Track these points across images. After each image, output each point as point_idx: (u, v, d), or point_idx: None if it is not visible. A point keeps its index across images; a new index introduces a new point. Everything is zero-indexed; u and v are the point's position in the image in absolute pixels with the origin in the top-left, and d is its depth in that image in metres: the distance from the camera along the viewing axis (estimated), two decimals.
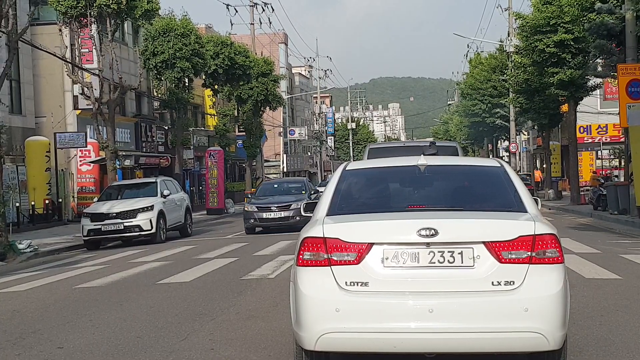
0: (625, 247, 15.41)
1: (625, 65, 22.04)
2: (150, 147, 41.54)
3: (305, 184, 25.85)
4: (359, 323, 5.08)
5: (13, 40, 20.43)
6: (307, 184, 26.18)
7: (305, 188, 25.14)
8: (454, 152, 14.19)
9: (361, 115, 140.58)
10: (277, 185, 26.76)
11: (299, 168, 79.34)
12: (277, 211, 22.92)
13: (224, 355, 6.96)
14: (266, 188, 26.41)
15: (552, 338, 5.04)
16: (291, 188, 25.54)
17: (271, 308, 9.33)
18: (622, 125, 23.21)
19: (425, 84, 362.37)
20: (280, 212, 22.88)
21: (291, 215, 22.59)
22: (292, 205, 22.69)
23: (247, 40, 52.22)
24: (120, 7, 27.30)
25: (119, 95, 30.69)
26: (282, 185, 26.64)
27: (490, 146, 69.20)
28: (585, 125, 46.19)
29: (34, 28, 29.48)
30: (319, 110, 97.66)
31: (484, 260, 5.14)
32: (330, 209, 5.75)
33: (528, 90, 37.60)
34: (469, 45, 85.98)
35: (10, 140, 27.98)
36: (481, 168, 6.39)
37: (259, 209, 23.15)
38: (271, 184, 28.06)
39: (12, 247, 18.33)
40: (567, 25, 31.54)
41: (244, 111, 47.09)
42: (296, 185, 26.03)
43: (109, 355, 7.22)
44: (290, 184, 26.62)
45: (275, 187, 26.03)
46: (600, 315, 8.19)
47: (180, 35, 34.75)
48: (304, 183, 26.18)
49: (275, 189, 25.57)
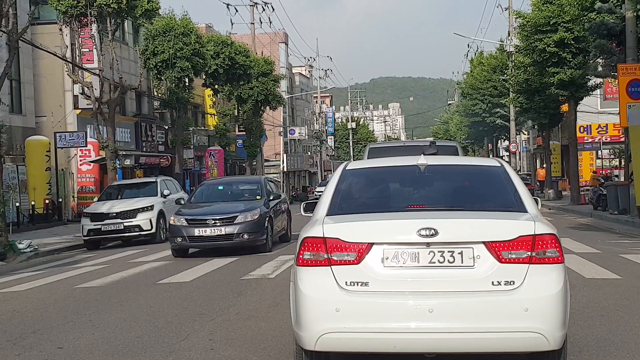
0: (625, 247, 15.41)
1: (626, 65, 22.03)
2: (150, 147, 41.54)
3: (262, 186, 18.37)
4: (359, 323, 5.08)
5: (13, 39, 20.44)
6: (265, 185, 18.60)
7: (262, 191, 17.99)
8: (454, 151, 14.19)
9: (361, 115, 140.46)
10: (223, 186, 19.17)
11: (299, 168, 79.35)
12: (215, 226, 16.16)
13: (224, 355, 6.95)
14: (207, 191, 18.87)
15: (552, 338, 5.04)
16: (242, 191, 18.69)
17: (271, 308, 9.33)
18: (622, 125, 23.20)
19: (425, 84, 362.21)
20: (221, 227, 16.10)
21: (237, 231, 16.04)
22: (238, 217, 16.21)
23: (248, 39, 52.22)
24: (120, 6, 27.31)
25: (119, 95, 30.70)
26: (230, 187, 19.25)
27: (490, 146, 69.20)
28: (586, 125, 46.19)
29: (34, 27, 29.49)
30: (319, 110, 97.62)
31: (484, 260, 5.14)
32: (330, 209, 5.75)
33: (528, 90, 37.60)
34: (469, 45, 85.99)
35: (11, 139, 27.98)
36: (481, 168, 6.38)
37: (189, 222, 16.26)
38: (214, 185, 19.95)
39: (12, 246, 18.33)
40: (568, 25, 31.53)
41: (244, 111, 47.10)
42: (249, 188, 18.80)
43: (109, 355, 7.21)
44: (241, 186, 19.37)
45: (220, 190, 18.73)
46: (600, 315, 8.19)
47: (181, 35, 34.76)
48: (261, 185, 18.56)
49: (220, 193, 18.54)
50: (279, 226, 18.17)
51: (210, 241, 16.29)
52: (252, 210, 16.51)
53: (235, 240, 16.11)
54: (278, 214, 18.01)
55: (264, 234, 16.48)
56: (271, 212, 17.16)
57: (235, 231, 16.07)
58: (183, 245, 16.39)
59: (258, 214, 16.38)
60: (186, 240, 16.21)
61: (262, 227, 16.41)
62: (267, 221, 16.66)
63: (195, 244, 16.50)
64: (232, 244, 16.24)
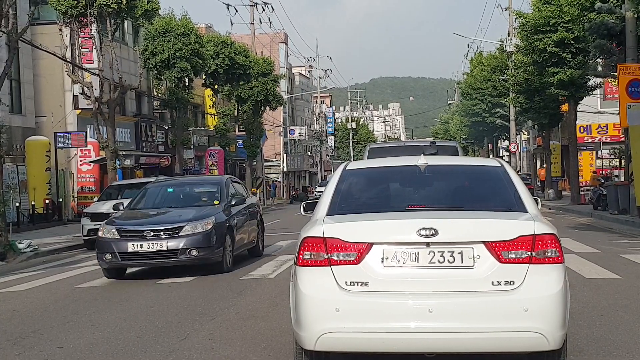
0: (625, 247, 15.41)
1: (626, 65, 22.03)
2: (150, 147, 41.54)
3: (222, 189, 14.71)
4: (359, 323, 5.08)
5: (13, 40, 20.42)
6: (227, 187, 14.89)
7: (222, 195, 14.46)
8: (454, 151, 14.20)
9: (361, 115, 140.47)
10: (174, 189, 15.49)
11: (299, 168, 79.34)
12: (155, 239, 12.59)
13: (223, 355, 6.96)
14: (153, 194, 15.08)
15: (552, 338, 5.04)
16: (198, 195, 15.15)
17: (271, 308, 9.33)
18: (622, 125, 23.20)
19: (425, 84, 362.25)
20: (162, 241, 12.57)
21: (182, 246, 12.56)
22: (185, 227, 12.72)
23: (247, 40, 52.23)
24: (120, 6, 27.29)
25: (119, 95, 30.70)
26: (183, 189, 15.56)
27: (490, 146, 69.21)
28: (585, 125, 46.18)
29: (34, 28, 29.47)
30: (319, 110, 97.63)
31: (484, 260, 5.14)
32: (330, 209, 5.75)
33: (528, 90, 37.61)
34: (469, 45, 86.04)
35: (11, 140, 27.98)
36: (481, 168, 6.39)
37: (121, 234, 12.84)
38: (163, 186, 15.70)
39: (12, 246, 18.32)
40: (568, 25, 31.53)
41: (244, 111, 47.12)
42: (207, 190, 15.16)
43: (109, 355, 7.22)
44: (196, 188, 15.59)
45: (170, 193, 15.21)
46: (600, 315, 8.19)
47: (181, 35, 34.77)
48: (221, 187, 14.82)
49: (169, 197, 15.04)
50: (245, 238, 14.75)
51: (147, 259, 12.72)
52: (203, 219, 12.94)
53: (180, 258, 12.57)
54: (243, 223, 14.61)
55: (219, 249, 12.94)
56: (232, 221, 13.80)
57: (180, 246, 12.51)
58: (113, 264, 12.75)
59: (212, 224, 12.88)
60: (116, 257, 12.61)
61: (217, 240, 12.86)
62: (224, 232, 13.22)
63: (128, 262, 12.91)
64: (177, 262, 12.70)
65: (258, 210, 16.29)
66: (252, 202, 16.09)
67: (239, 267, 13.79)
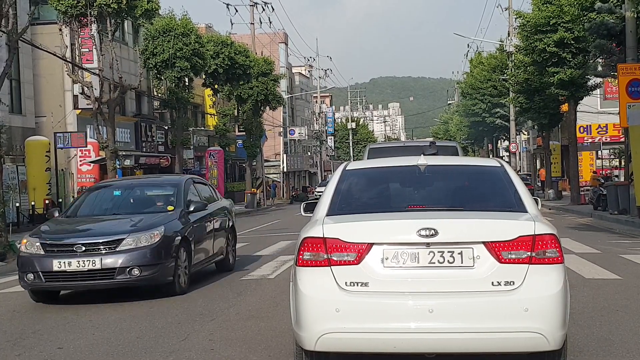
0: (625, 247, 15.41)
1: (626, 65, 22.02)
2: (150, 147, 41.54)
3: (179, 191, 12.08)
4: (359, 323, 5.08)
5: (13, 39, 20.42)
6: (185, 191, 12.20)
7: (179, 199, 11.88)
8: (454, 152, 14.19)
9: (361, 115, 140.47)
10: (121, 192, 12.75)
11: (299, 168, 79.33)
12: (86, 255, 10.27)
13: (224, 356, 6.96)
14: (95, 198, 12.51)
15: (552, 338, 5.05)
16: (151, 199, 12.47)
17: (271, 308, 9.33)
18: (622, 125, 23.19)
19: (425, 84, 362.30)
20: (95, 257, 10.24)
21: (121, 264, 10.20)
22: (125, 240, 10.36)
23: (247, 39, 52.22)
24: (120, 6, 27.31)
25: (119, 95, 30.71)
26: (132, 192, 12.71)
27: (490, 146, 69.20)
28: (585, 125, 46.18)
29: (34, 28, 29.48)
30: (319, 110, 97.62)
31: (484, 260, 5.14)
32: (330, 209, 5.75)
33: (528, 90, 37.60)
34: (469, 45, 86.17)
35: (10, 140, 27.98)
36: (481, 168, 6.39)
37: (46, 249, 10.53)
38: (108, 189, 13.08)
39: (12, 247, 18.32)
40: (568, 25, 31.54)
41: (244, 111, 47.11)
42: (161, 193, 12.54)
43: (109, 355, 7.22)
44: (149, 190, 12.84)
45: (117, 197, 12.56)
46: (600, 315, 8.19)
47: (181, 35, 34.78)
48: (178, 189, 12.16)
49: (116, 201, 12.43)
50: (209, 250, 12.35)
51: (77, 280, 10.28)
52: (149, 230, 10.54)
53: (118, 279, 10.17)
54: (205, 233, 12.20)
55: (169, 267, 10.58)
56: (190, 231, 11.36)
57: (118, 263, 10.14)
58: (36, 286, 10.49)
59: (160, 235, 10.52)
60: (40, 277, 10.30)
61: (166, 255, 10.53)
62: (178, 245, 10.83)
63: (54, 284, 10.46)
64: (114, 284, 10.28)
65: (228, 216, 13.65)
66: (219, 206, 13.46)
67: (239, 267, 13.78)
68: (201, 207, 12.11)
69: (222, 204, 13.80)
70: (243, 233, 23.95)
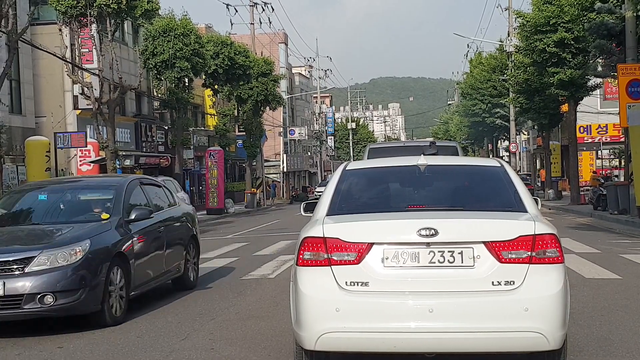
0: (625, 247, 15.41)
1: (625, 65, 22.03)
2: (150, 147, 41.53)
3: (119, 195, 9.86)
4: (359, 323, 5.09)
5: (13, 40, 20.44)
6: (126, 195, 9.97)
7: (117, 205, 9.66)
8: (454, 152, 14.20)
9: (361, 115, 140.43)
10: (49, 195, 10.41)
11: (299, 168, 79.32)
12: None
13: (224, 355, 6.96)
14: (17, 202, 10.49)
15: (552, 338, 5.05)
16: (85, 205, 10.22)
17: (271, 308, 9.33)
18: (622, 125, 23.19)
19: (425, 84, 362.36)
20: None
21: (29, 290, 8.09)
22: (36, 259, 8.25)
23: (247, 40, 52.22)
24: (120, 6, 27.30)
25: (119, 95, 30.70)
26: (62, 195, 10.43)
27: (490, 146, 69.20)
28: (585, 125, 46.20)
29: (34, 28, 29.47)
30: (319, 110, 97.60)
31: (484, 260, 5.14)
32: (331, 209, 5.75)
33: (528, 90, 37.62)
34: (469, 45, 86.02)
35: (10, 140, 27.98)
36: (481, 168, 6.39)
37: None
38: (34, 191, 10.66)
39: None
40: (568, 25, 31.55)
41: (244, 111, 47.11)
42: (97, 197, 10.22)
43: (109, 355, 7.22)
44: (82, 194, 10.55)
45: (43, 202, 10.23)
46: (600, 315, 8.20)
47: (181, 35, 34.75)
48: (118, 192, 9.93)
49: (42, 206, 10.12)
50: (160, 267, 10.17)
51: None
52: (68, 246, 8.41)
53: (26, 309, 8.08)
54: (154, 246, 10.01)
55: (96, 292, 8.42)
56: (129, 245, 9.21)
57: (26, 289, 8.05)
58: None
59: (82, 252, 8.36)
60: None
61: (91, 277, 8.38)
62: (109, 264, 8.62)
63: None
64: (21, 315, 8.16)
65: (188, 224, 11.56)
66: (177, 213, 11.29)
67: (239, 268, 13.77)
68: (145, 215, 9.73)
69: (180, 211, 11.59)
70: (243, 233, 23.96)
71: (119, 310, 8.82)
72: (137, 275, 9.36)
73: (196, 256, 11.76)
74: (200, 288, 11.26)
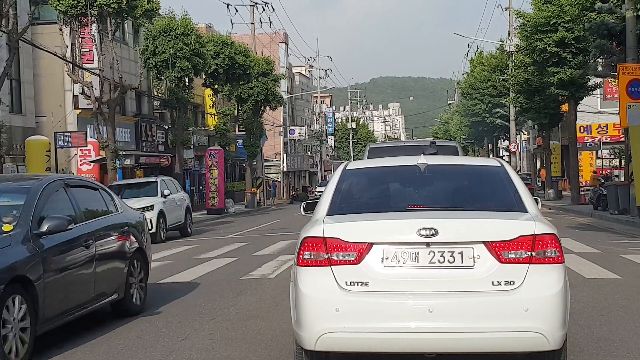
0: (625, 247, 15.41)
1: (626, 65, 22.02)
2: (150, 147, 41.53)
3: (30, 201, 7.51)
4: (359, 323, 5.08)
5: (13, 39, 20.44)
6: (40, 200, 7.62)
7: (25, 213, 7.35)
8: (454, 151, 14.19)
9: (361, 114, 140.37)
10: None
11: (299, 168, 79.31)
12: None
13: (224, 355, 6.96)
14: None
15: (552, 338, 5.05)
16: None
17: (271, 308, 9.33)
18: (622, 125, 23.19)
19: (425, 84, 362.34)
20: None
21: None
22: None
23: (248, 39, 52.20)
24: (120, 6, 27.30)
25: (119, 95, 30.71)
26: None
27: (490, 146, 69.19)
28: (586, 125, 46.19)
29: (35, 27, 29.47)
30: (319, 109, 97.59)
31: (484, 260, 5.14)
32: (331, 209, 5.75)
33: (528, 90, 37.61)
34: (470, 44, 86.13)
35: (11, 139, 27.99)
36: (481, 168, 6.39)
37: None
38: None
39: None
40: (568, 25, 31.54)
41: (244, 111, 47.09)
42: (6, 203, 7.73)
43: (109, 355, 7.22)
44: None
45: None
46: (601, 315, 8.20)
47: (181, 35, 34.74)
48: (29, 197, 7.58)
49: None
50: (89, 291, 8.22)
51: None
52: None
53: None
54: (78, 264, 7.98)
55: None
56: (37, 265, 7.09)
57: None
58: None
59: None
60: None
61: None
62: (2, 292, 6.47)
63: None
64: None
65: (131, 236, 9.43)
66: (115, 222, 9.17)
67: (239, 268, 13.76)
68: (62, 225, 7.55)
69: (122, 218, 9.40)
70: (243, 233, 23.97)
71: (18, 352, 6.62)
72: (49, 304, 7.20)
73: (144, 274, 9.66)
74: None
